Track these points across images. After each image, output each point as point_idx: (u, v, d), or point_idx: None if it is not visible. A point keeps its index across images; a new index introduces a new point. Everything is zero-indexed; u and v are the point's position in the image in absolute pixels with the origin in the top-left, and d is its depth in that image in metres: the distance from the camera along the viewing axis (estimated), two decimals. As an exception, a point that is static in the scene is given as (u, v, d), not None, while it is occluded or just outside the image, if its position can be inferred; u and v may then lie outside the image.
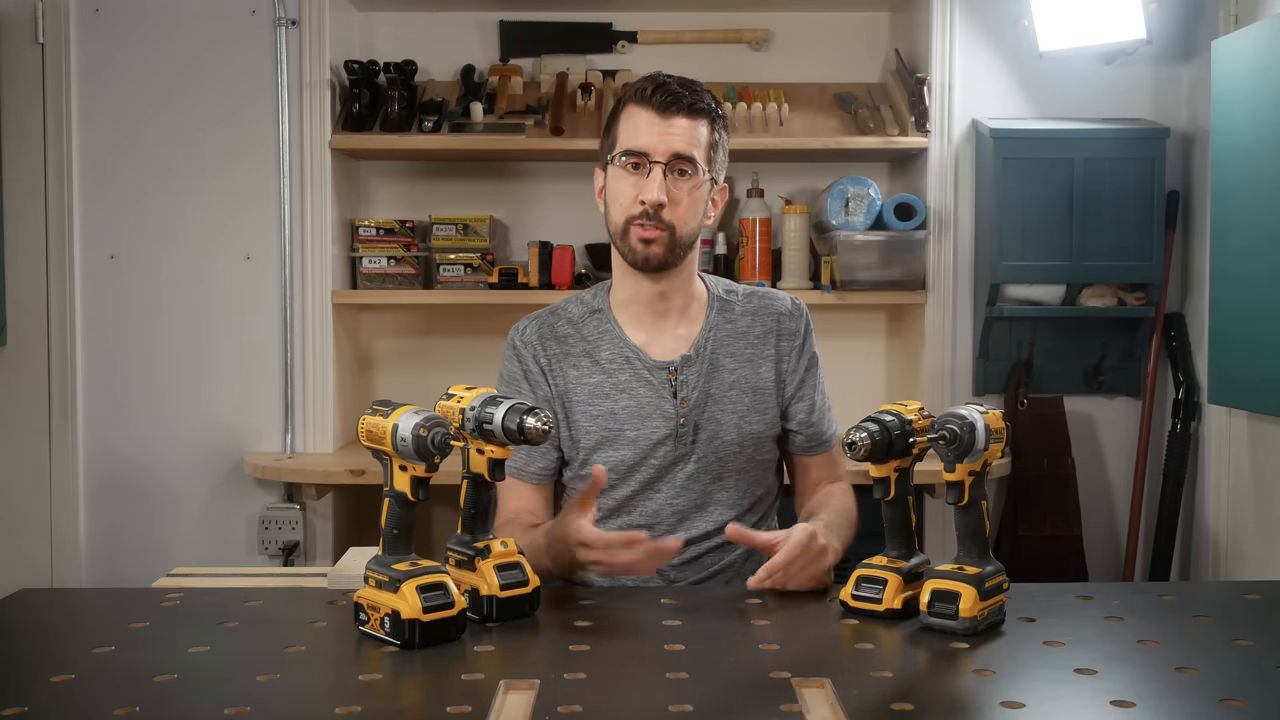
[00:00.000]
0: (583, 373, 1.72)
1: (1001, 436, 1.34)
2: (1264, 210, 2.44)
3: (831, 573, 1.52)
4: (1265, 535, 2.70)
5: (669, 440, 1.69)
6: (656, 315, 1.73)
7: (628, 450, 1.69)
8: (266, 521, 2.97)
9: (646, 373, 1.70)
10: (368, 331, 3.20)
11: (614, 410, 1.69)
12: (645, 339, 1.72)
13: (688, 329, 1.74)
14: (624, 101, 1.68)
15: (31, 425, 2.98)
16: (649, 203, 1.62)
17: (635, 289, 1.72)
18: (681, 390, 1.69)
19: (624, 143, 1.65)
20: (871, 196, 2.92)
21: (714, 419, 1.70)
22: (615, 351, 1.72)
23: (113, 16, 2.97)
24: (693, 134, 1.64)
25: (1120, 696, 1.09)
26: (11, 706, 1.07)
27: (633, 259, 1.67)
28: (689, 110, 1.64)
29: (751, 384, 1.73)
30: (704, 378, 1.71)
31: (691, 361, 1.71)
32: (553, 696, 1.09)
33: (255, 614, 1.40)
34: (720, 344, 1.73)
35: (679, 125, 1.63)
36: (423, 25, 3.16)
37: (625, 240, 1.66)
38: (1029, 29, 2.91)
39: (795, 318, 1.79)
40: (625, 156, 1.65)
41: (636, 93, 1.66)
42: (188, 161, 2.99)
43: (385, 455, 1.29)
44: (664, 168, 1.63)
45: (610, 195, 1.69)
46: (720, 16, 3.15)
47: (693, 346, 1.72)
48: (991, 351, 3.04)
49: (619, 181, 1.66)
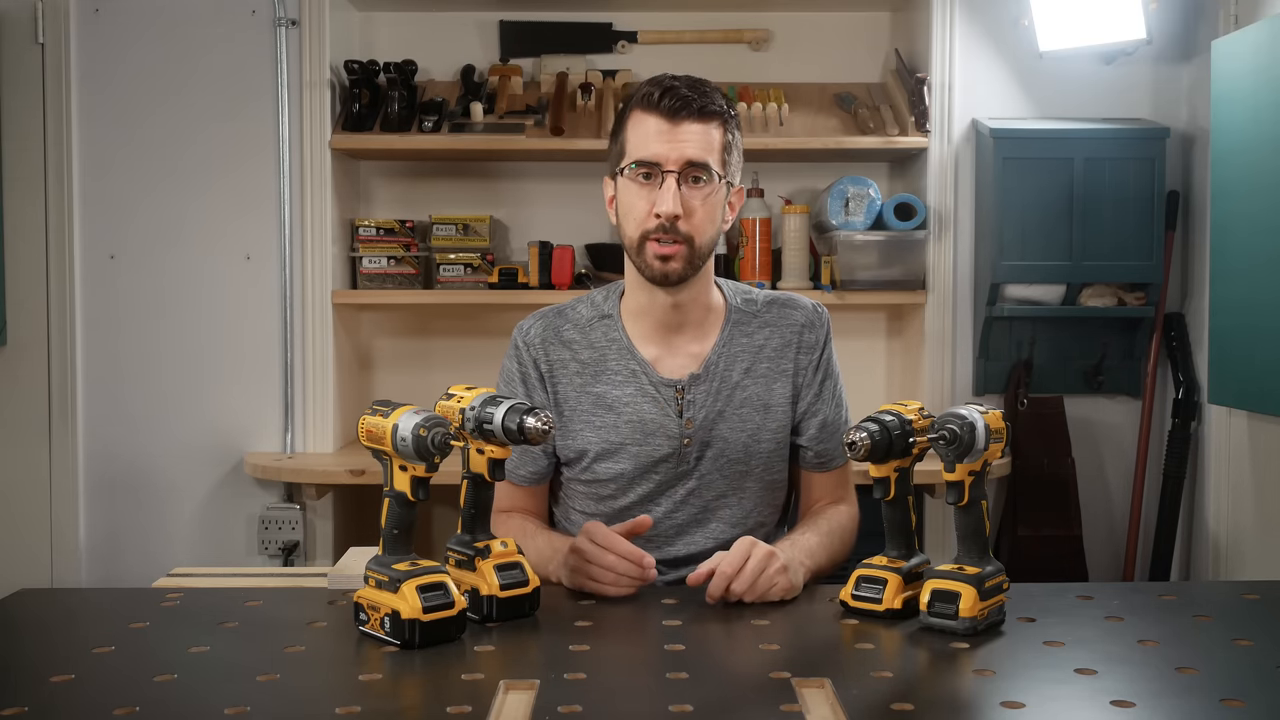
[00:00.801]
0: (586, 381, 1.67)
1: (1001, 436, 1.34)
2: (1264, 210, 2.44)
3: (794, 588, 1.46)
4: (1265, 535, 2.70)
5: (671, 458, 1.65)
6: (669, 330, 1.66)
7: (628, 464, 1.65)
8: (266, 521, 2.97)
9: (653, 389, 1.64)
10: (368, 331, 3.20)
11: (616, 424, 1.65)
12: (655, 354, 1.66)
13: (700, 345, 1.67)
14: (630, 108, 1.60)
15: (31, 425, 2.98)
16: (664, 215, 1.55)
17: (649, 301, 1.65)
18: (688, 410, 1.64)
19: (634, 153, 1.58)
20: (871, 196, 2.92)
21: (722, 436, 1.65)
22: (622, 364, 1.66)
23: (113, 16, 2.97)
24: (705, 139, 1.57)
25: (1120, 696, 1.09)
26: (11, 706, 1.07)
27: (650, 275, 1.59)
28: (699, 114, 1.56)
29: (764, 401, 1.67)
30: (713, 395, 1.65)
31: (700, 380, 1.65)
32: (553, 696, 1.09)
33: (255, 614, 1.40)
34: (734, 360, 1.67)
35: (690, 131, 1.56)
36: (423, 25, 3.16)
37: (641, 256, 1.59)
38: (1029, 29, 2.91)
39: (816, 328, 1.71)
40: (636, 167, 1.57)
41: (643, 99, 1.58)
42: (188, 161, 2.99)
43: (385, 455, 1.29)
44: (677, 177, 1.55)
45: (623, 208, 1.61)
46: (720, 16, 3.15)
47: (702, 365, 1.65)
48: (991, 351, 3.04)
49: (630, 193, 1.59)
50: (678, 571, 1.67)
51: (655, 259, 1.58)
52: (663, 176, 1.56)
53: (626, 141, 1.60)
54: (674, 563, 1.69)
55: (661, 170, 1.56)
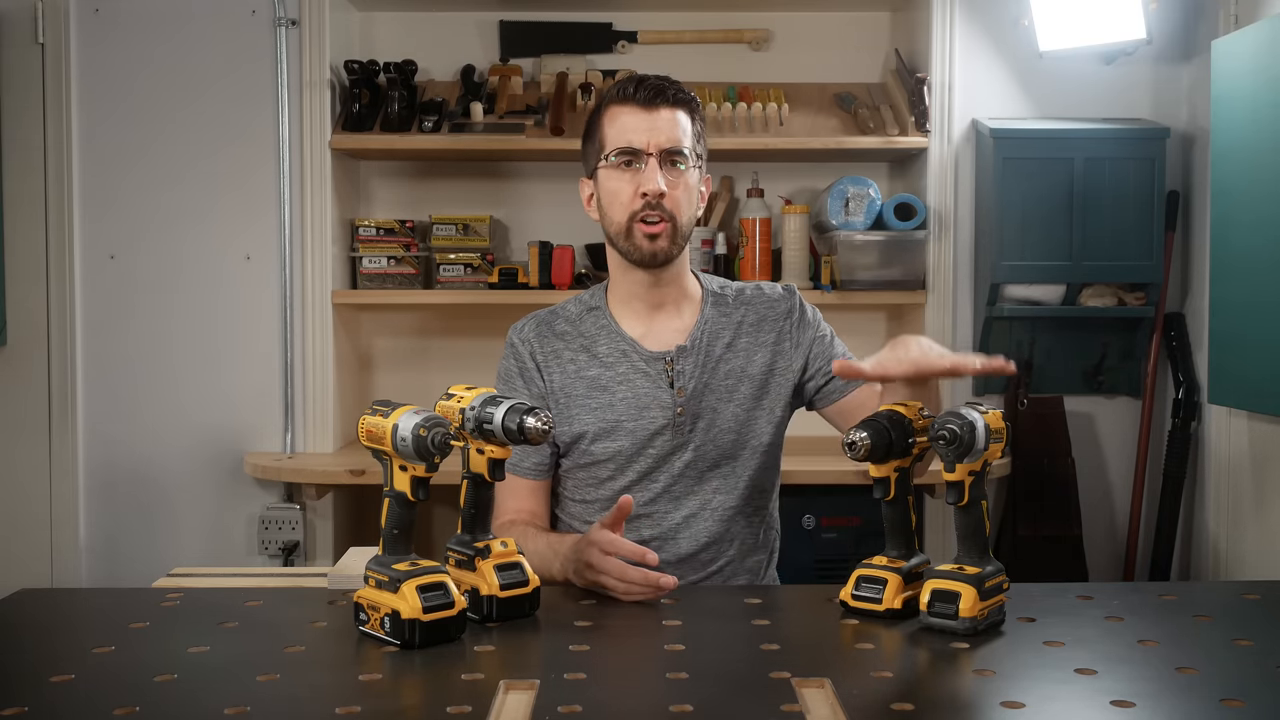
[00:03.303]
0: (580, 366, 1.74)
1: (1001, 436, 1.34)
2: (1264, 210, 2.44)
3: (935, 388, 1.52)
4: (1265, 535, 2.70)
5: (666, 430, 1.71)
6: (651, 308, 1.76)
7: (625, 441, 1.71)
8: (266, 521, 2.97)
9: (643, 364, 1.72)
10: (368, 331, 3.20)
11: (612, 402, 1.72)
12: (641, 332, 1.75)
13: (682, 322, 1.77)
14: (604, 105, 1.72)
15: (31, 425, 2.98)
16: (651, 193, 1.65)
17: (631, 285, 1.75)
18: (678, 380, 1.72)
19: (614, 142, 1.68)
20: (871, 196, 2.92)
21: (712, 408, 1.72)
22: (612, 345, 1.75)
23: (113, 16, 2.97)
24: (679, 125, 1.69)
25: (1120, 696, 1.09)
26: (11, 706, 1.07)
27: (639, 257, 1.69)
28: (673, 102, 1.69)
29: (748, 373, 1.75)
30: (700, 368, 1.73)
31: (688, 352, 1.73)
32: (553, 696, 1.09)
33: (255, 614, 1.40)
34: (716, 335, 1.76)
35: (665, 117, 1.67)
36: (423, 25, 3.16)
37: (630, 239, 1.69)
38: (1029, 29, 2.91)
39: (787, 299, 1.81)
40: (618, 155, 1.68)
41: (618, 93, 1.70)
42: (188, 161, 2.99)
43: (385, 455, 1.29)
44: (657, 160, 1.66)
45: (606, 196, 1.71)
46: (720, 16, 3.15)
47: (688, 337, 1.74)
48: (991, 351, 3.00)
49: (614, 181, 1.69)
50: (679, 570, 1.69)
51: (644, 239, 1.68)
52: (645, 160, 1.67)
53: (604, 135, 1.71)
54: (677, 562, 1.71)
55: (643, 154, 1.67)
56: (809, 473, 2.65)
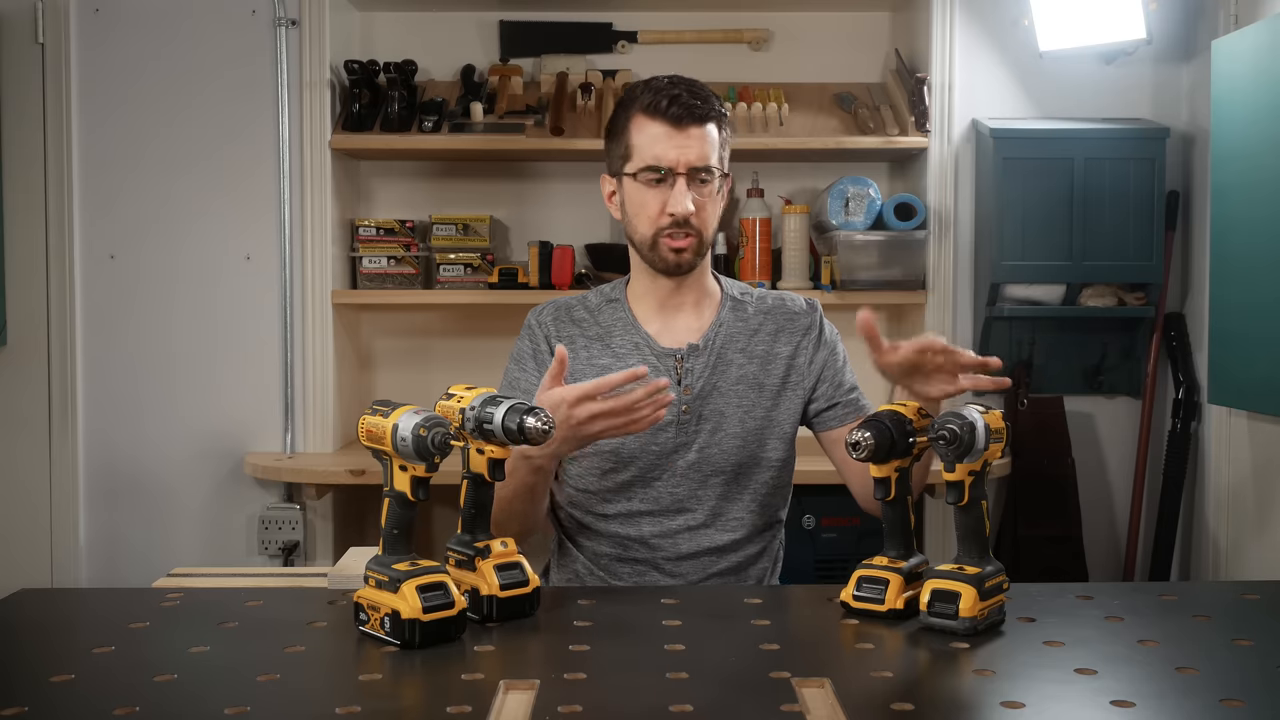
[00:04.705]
0: (593, 355, 1.75)
1: (1001, 436, 1.34)
2: (1264, 210, 2.44)
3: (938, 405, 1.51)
4: (1265, 535, 2.70)
5: (671, 426, 1.71)
6: (670, 308, 1.77)
7: None
8: (266, 521, 2.97)
9: (654, 359, 1.73)
10: (368, 331, 3.20)
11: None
12: (657, 328, 1.76)
13: (699, 321, 1.77)
14: (632, 110, 1.69)
15: (31, 425, 2.98)
16: (679, 214, 1.66)
17: (651, 283, 1.76)
18: (686, 378, 1.72)
19: (642, 158, 1.67)
20: (871, 196, 2.92)
21: (718, 410, 1.72)
22: (626, 338, 1.76)
23: (113, 16, 2.97)
24: (708, 141, 1.67)
25: (1120, 696, 1.09)
26: (11, 706, 1.07)
27: (664, 268, 1.71)
28: (703, 119, 1.67)
29: (759, 380, 1.75)
30: (710, 369, 1.73)
31: (699, 351, 1.74)
32: (553, 696, 1.09)
33: (255, 614, 1.40)
34: (730, 339, 1.76)
35: (695, 135, 1.66)
36: (423, 25, 3.16)
37: (655, 251, 1.70)
38: (1029, 29, 2.91)
39: (809, 315, 1.82)
40: (647, 173, 1.67)
41: (649, 106, 1.66)
42: (188, 161, 2.99)
43: (385, 455, 1.29)
44: (686, 178, 1.66)
45: (632, 208, 1.71)
46: (720, 16, 3.15)
47: (701, 337, 1.75)
48: (991, 351, 2.99)
49: (641, 194, 1.69)
50: (680, 569, 1.70)
51: (670, 252, 1.69)
52: (674, 179, 1.66)
53: (632, 146, 1.69)
54: (680, 560, 1.71)
55: (673, 174, 1.66)
56: (809, 473, 2.63)
